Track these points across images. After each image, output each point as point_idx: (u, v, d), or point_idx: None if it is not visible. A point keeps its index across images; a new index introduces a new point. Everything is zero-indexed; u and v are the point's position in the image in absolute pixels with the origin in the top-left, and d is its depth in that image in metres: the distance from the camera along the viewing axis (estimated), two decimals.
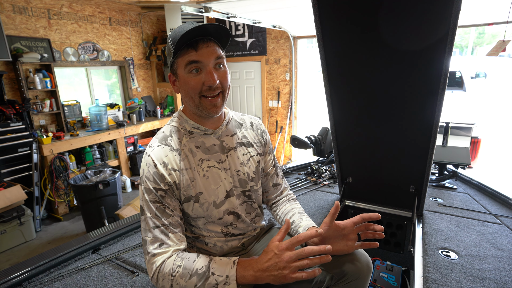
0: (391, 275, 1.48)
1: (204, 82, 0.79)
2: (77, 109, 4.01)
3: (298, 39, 4.59)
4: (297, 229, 0.92)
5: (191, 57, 0.77)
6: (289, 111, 4.91)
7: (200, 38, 0.78)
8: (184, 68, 0.79)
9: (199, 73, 0.79)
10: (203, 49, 0.78)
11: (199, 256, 0.78)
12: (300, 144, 2.33)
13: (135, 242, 1.39)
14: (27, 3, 3.37)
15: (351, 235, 0.84)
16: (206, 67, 0.79)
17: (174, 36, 0.78)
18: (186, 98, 0.84)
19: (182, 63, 0.79)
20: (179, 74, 0.81)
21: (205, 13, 2.63)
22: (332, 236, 0.84)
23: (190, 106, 0.84)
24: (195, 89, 0.80)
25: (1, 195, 2.76)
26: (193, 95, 0.81)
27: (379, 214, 0.83)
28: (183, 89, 0.83)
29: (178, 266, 0.76)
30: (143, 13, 4.59)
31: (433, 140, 1.31)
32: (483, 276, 1.08)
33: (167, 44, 0.83)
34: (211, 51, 0.79)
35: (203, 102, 0.81)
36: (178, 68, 0.81)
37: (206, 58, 0.78)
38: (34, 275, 1.12)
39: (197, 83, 0.79)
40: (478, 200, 1.74)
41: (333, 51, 1.30)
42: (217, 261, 0.76)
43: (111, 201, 3.04)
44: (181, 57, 0.79)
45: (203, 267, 0.75)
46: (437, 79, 1.15)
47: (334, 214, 0.81)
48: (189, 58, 0.78)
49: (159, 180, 0.81)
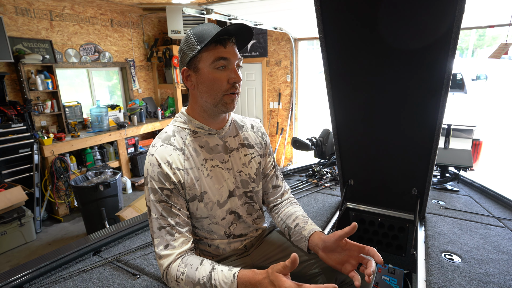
0: (393, 278, 1.47)
1: (229, 79, 0.81)
2: (78, 110, 4.01)
3: (299, 41, 4.59)
4: (301, 232, 0.91)
5: (221, 53, 0.80)
6: (290, 112, 4.91)
7: (227, 37, 0.81)
8: (211, 63, 0.80)
9: (224, 70, 0.81)
10: (230, 47, 0.81)
11: (202, 264, 0.77)
12: (301, 146, 2.32)
13: (136, 244, 1.38)
14: (29, 5, 3.38)
15: (352, 260, 0.79)
16: (232, 65, 0.82)
17: (200, 32, 0.80)
18: (205, 93, 0.83)
19: (208, 58, 0.80)
20: (202, 69, 0.82)
21: (206, 14, 2.64)
22: (334, 249, 0.82)
23: (206, 102, 0.84)
24: (220, 85, 0.81)
25: (2, 196, 2.76)
26: (217, 91, 0.82)
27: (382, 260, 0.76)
28: (204, 84, 0.82)
29: (182, 273, 0.76)
30: (145, 15, 4.61)
31: (435, 143, 1.30)
32: (486, 280, 1.07)
33: (187, 40, 0.82)
34: (235, 51, 0.83)
35: (225, 98, 0.83)
36: (201, 62, 0.81)
37: (232, 56, 0.81)
38: (35, 277, 1.12)
39: (223, 79, 0.81)
40: (480, 202, 1.74)
41: (336, 53, 1.30)
42: (218, 272, 0.74)
43: (111, 202, 3.04)
44: (207, 52, 0.80)
45: (205, 277, 0.74)
46: (440, 81, 1.14)
47: (349, 233, 0.79)
48: (218, 54, 0.80)
49: (164, 180, 0.81)
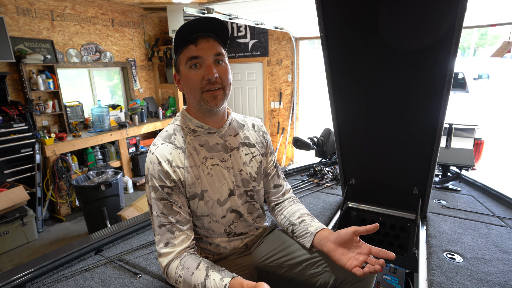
0: (394, 278, 1.47)
1: (203, 76, 0.80)
2: (79, 110, 4.02)
3: (300, 40, 4.59)
4: (307, 227, 0.92)
5: (192, 52, 0.79)
6: (291, 112, 4.91)
7: (200, 35, 0.80)
8: (185, 64, 0.81)
9: (198, 68, 0.80)
10: (202, 44, 0.80)
11: (198, 268, 0.77)
12: (303, 145, 2.32)
13: (137, 243, 1.38)
14: (30, 5, 3.39)
15: (359, 257, 0.79)
16: (206, 61, 0.80)
17: (178, 34, 0.80)
18: (188, 94, 0.84)
19: (183, 59, 0.81)
20: (181, 71, 0.83)
21: (207, 14, 2.64)
22: (346, 242, 0.82)
23: (193, 102, 0.85)
24: (195, 84, 0.81)
25: (4, 196, 2.77)
26: (195, 90, 0.81)
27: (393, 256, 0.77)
28: (185, 85, 0.83)
29: (179, 276, 0.78)
30: (146, 15, 4.61)
31: (437, 142, 1.30)
32: (489, 279, 1.06)
33: (173, 44, 0.84)
34: (210, 46, 0.80)
35: (204, 95, 0.81)
36: (180, 65, 0.83)
37: (205, 53, 0.80)
38: (37, 276, 1.12)
39: (197, 78, 0.80)
40: (482, 202, 1.73)
41: (337, 52, 1.30)
42: (211, 280, 0.74)
43: (113, 202, 3.05)
44: (182, 53, 0.81)
45: (199, 284, 0.75)
46: (441, 80, 1.14)
47: (369, 231, 0.79)
48: (189, 54, 0.80)
49: (164, 177, 0.81)
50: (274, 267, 0.95)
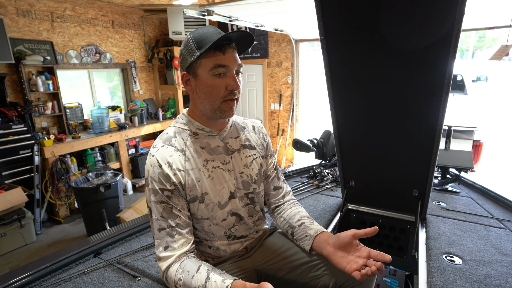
0: (394, 280, 1.46)
1: (227, 86, 0.80)
2: (79, 112, 4.02)
3: (300, 42, 4.60)
4: (307, 230, 0.91)
5: (220, 60, 0.79)
6: (291, 114, 4.91)
7: (226, 43, 0.79)
8: (209, 70, 0.79)
9: (222, 77, 0.80)
10: (229, 54, 0.80)
11: (198, 271, 0.77)
12: (302, 147, 2.32)
13: (136, 246, 1.38)
14: (30, 6, 3.39)
15: (359, 260, 0.79)
16: (231, 72, 0.80)
17: (200, 37, 0.78)
18: (203, 99, 0.83)
19: (207, 65, 0.79)
20: (200, 75, 0.81)
21: (207, 16, 2.64)
22: (345, 245, 0.82)
23: (205, 108, 0.84)
24: (218, 92, 0.81)
25: (2, 198, 2.75)
26: (215, 98, 0.81)
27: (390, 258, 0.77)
28: (203, 91, 0.82)
29: (179, 279, 0.77)
30: (146, 16, 4.62)
31: (436, 144, 1.30)
32: (488, 281, 1.06)
33: (187, 44, 0.81)
34: (235, 57, 0.81)
35: (223, 105, 0.82)
36: (200, 68, 0.80)
37: (231, 63, 0.80)
38: (35, 279, 1.12)
39: (221, 86, 0.80)
40: (481, 204, 1.73)
41: (337, 54, 1.30)
42: (212, 283, 0.74)
43: (112, 204, 3.04)
44: (206, 58, 0.79)
45: (200, 287, 0.74)
46: (440, 82, 1.14)
47: (368, 234, 0.80)
48: (217, 62, 0.79)
49: (165, 180, 0.81)
50: (273, 270, 0.95)
